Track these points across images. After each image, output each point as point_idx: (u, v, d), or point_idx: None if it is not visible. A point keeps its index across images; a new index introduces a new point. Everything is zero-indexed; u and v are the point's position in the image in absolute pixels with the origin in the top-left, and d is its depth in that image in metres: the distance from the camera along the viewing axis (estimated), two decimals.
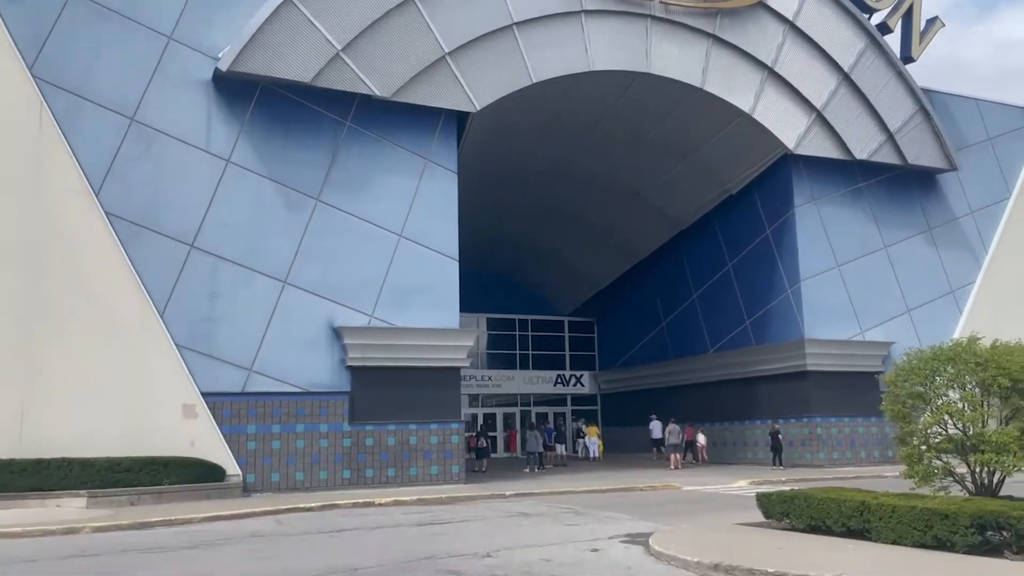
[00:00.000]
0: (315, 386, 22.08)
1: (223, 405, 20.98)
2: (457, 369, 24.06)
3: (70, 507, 17.71)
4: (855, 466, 28.02)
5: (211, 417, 20.72)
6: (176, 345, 20.56)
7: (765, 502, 12.82)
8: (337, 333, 22.34)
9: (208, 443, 20.48)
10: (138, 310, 20.35)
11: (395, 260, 23.20)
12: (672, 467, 28.80)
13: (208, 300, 21.17)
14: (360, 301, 22.70)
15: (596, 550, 11.76)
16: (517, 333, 41.62)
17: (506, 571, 10.20)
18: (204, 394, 20.71)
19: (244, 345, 21.37)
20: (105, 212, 20.42)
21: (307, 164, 22.73)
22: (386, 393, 22.68)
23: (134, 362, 20.12)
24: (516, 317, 41.47)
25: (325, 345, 22.28)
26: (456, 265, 23.91)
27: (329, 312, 22.37)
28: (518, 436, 39.02)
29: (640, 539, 12.49)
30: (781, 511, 12.50)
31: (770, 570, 9.24)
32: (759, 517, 13.22)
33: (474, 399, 39.71)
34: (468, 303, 31.76)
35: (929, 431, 13.89)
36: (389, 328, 22.84)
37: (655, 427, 33.29)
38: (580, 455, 36.29)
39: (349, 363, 22.36)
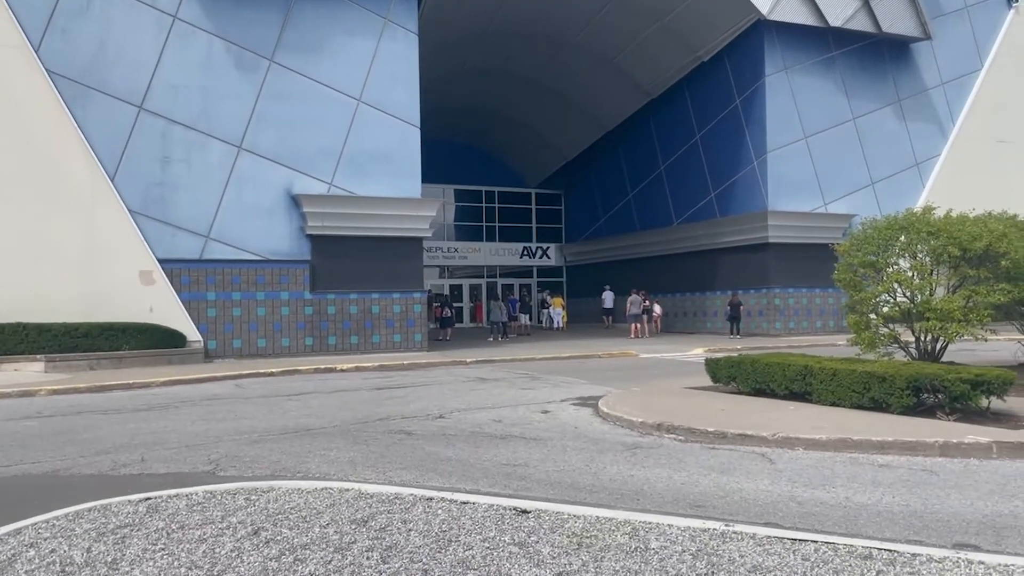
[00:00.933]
0: (275, 254, 21.88)
1: (181, 272, 20.77)
2: (419, 239, 23.92)
3: (28, 371, 17.71)
4: (811, 335, 28.79)
5: (169, 284, 20.55)
6: (129, 211, 20.11)
7: (713, 367, 13.10)
8: (296, 201, 21.94)
9: (167, 310, 20.40)
10: (88, 174, 19.76)
11: (354, 126, 22.57)
12: (632, 336, 29.37)
13: (161, 165, 20.59)
14: (319, 168, 22.20)
15: (547, 412, 12.02)
16: (484, 205, 41.35)
17: (456, 431, 10.40)
18: (161, 261, 20.46)
19: (200, 212, 20.97)
20: (47, 70, 19.44)
21: (259, 23, 21.69)
22: (347, 262, 22.56)
23: (87, 227, 19.71)
24: (483, 188, 41.09)
25: (284, 213, 21.94)
26: (418, 133, 23.33)
27: (287, 179, 21.90)
28: (484, 307, 39.41)
29: (591, 402, 12.79)
30: (728, 375, 12.79)
31: (709, 429, 9.51)
32: (708, 382, 13.54)
33: (440, 270, 39.81)
34: (433, 173, 31.31)
35: (878, 299, 14.17)
36: (349, 196, 22.47)
37: (607, 297, 34.95)
38: (544, 325, 36.87)
39: (309, 231, 22.09)
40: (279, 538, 5.48)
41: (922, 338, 13.92)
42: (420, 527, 5.69)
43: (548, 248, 42.29)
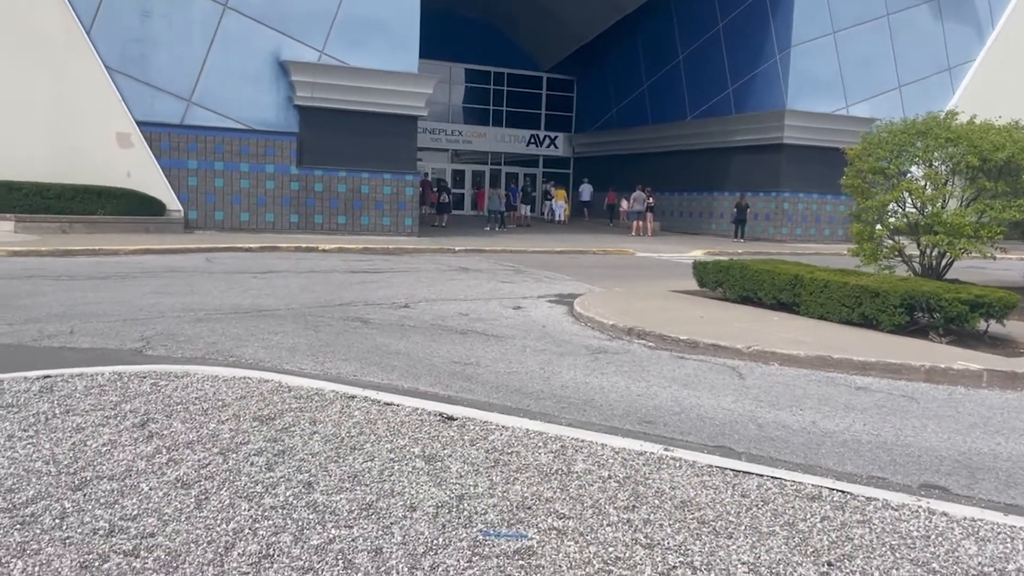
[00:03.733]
0: (260, 124, 20.89)
1: (161, 137, 19.87)
2: (414, 118, 22.80)
3: None
4: (818, 243, 27.92)
5: (148, 148, 19.70)
6: (106, 67, 19.05)
7: (700, 270, 12.36)
8: (284, 68, 20.76)
9: (146, 176, 19.62)
10: (61, 24, 18.61)
11: None
12: (633, 233, 28.54)
13: (140, 19, 19.36)
14: (309, 34, 20.90)
15: (519, 308, 11.39)
16: (492, 87, 39.64)
17: (416, 322, 9.80)
18: (140, 123, 19.54)
19: (182, 74, 19.88)
20: None
21: None
22: (337, 138, 21.58)
23: (60, 82, 18.72)
24: (491, 69, 39.28)
25: (271, 80, 20.81)
26: (417, 0, 21.81)
27: (275, 44, 20.65)
28: (486, 195, 38.42)
29: (569, 300, 12.14)
30: (715, 280, 12.07)
31: (681, 337, 8.86)
32: (695, 286, 12.84)
33: (442, 154, 38.61)
34: (438, 49, 29.80)
35: (886, 209, 13.26)
36: (341, 67, 21.24)
37: (584, 190, 35.82)
38: (546, 218, 35.99)
39: (297, 102, 21.02)
40: (165, 433, 4.91)
41: (927, 253, 13.10)
42: (327, 430, 5.11)
43: (556, 137, 40.83)
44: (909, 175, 13.08)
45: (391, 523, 3.75)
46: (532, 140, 40.24)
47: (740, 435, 5.84)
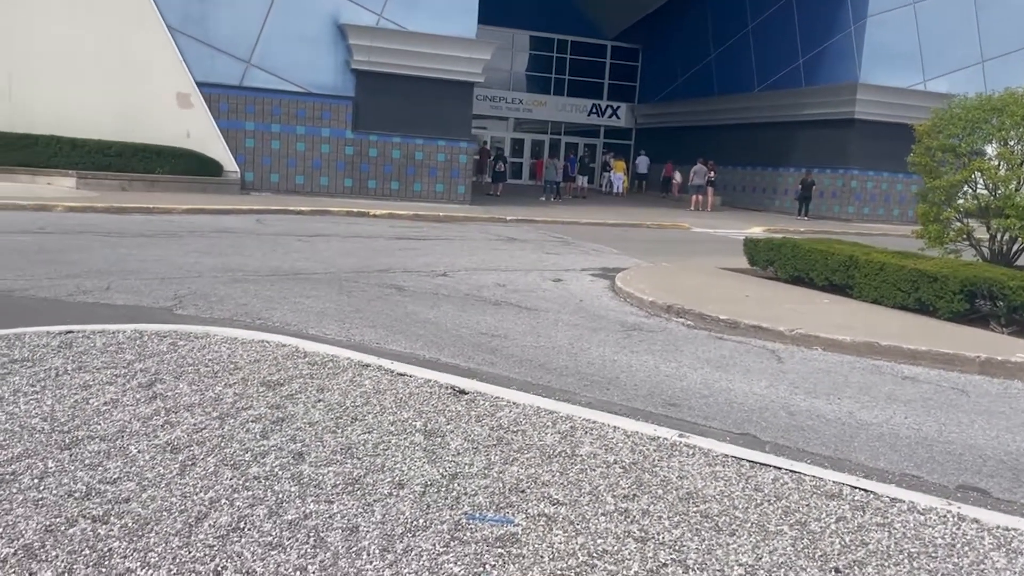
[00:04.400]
0: (317, 87, 20.89)
1: (220, 98, 20.04)
2: (470, 84, 22.52)
3: (61, 186, 17.58)
4: (887, 223, 26.85)
5: (207, 109, 19.89)
6: (168, 27, 19.23)
7: (751, 248, 11.91)
8: (342, 31, 20.68)
9: (204, 136, 19.85)
10: None
11: None
12: (692, 208, 27.87)
13: None
14: None
15: (559, 280, 11.15)
16: (555, 55, 38.97)
17: (451, 291, 9.65)
18: (199, 84, 19.73)
19: (242, 35, 19.96)
20: None
21: None
22: (393, 103, 21.46)
23: (124, 41, 18.98)
24: (555, 37, 38.57)
25: (329, 43, 20.75)
26: None
27: (334, 7, 20.56)
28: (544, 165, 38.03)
29: (612, 274, 11.83)
30: (766, 259, 11.61)
31: (722, 317, 8.51)
32: (746, 264, 12.40)
33: (501, 122, 38.24)
34: (501, 16, 29.38)
35: (955, 189, 12.54)
36: (399, 31, 21.07)
37: (641, 162, 35.57)
38: (604, 190, 35.41)
39: (354, 66, 20.94)
40: (169, 394, 4.86)
41: (997, 237, 12.37)
42: (333, 399, 4.99)
43: (619, 108, 40.03)
44: (982, 154, 12.33)
45: (374, 500, 3.60)
46: (594, 110, 39.55)
47: (768, 423, 5.54)
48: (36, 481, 3.53)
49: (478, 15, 21.83)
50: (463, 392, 5.34)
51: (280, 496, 3.57)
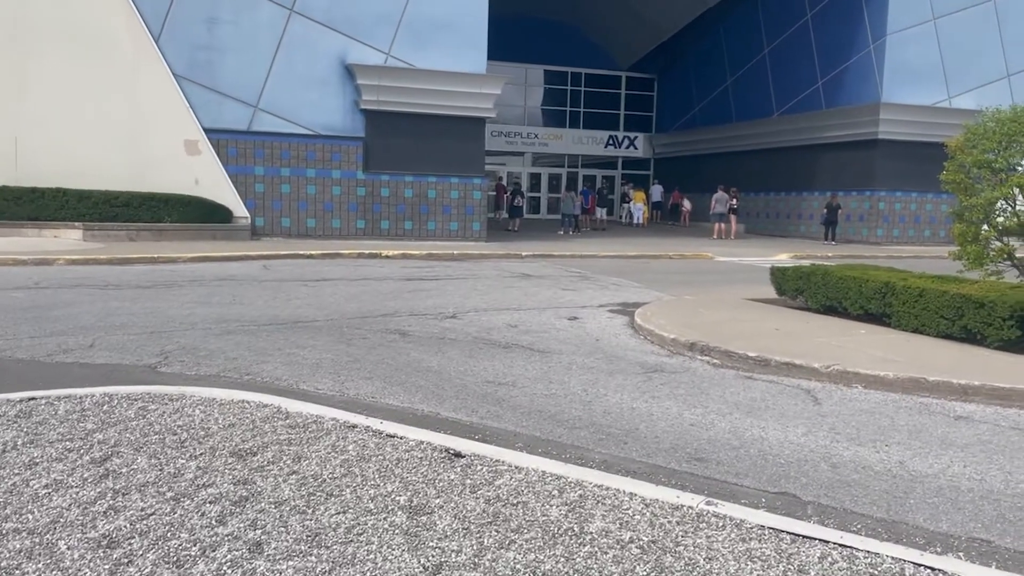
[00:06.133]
0: (327, 129, 20.61)
1: (228, 143, 19.80)
2: (482, 120, 22.15)
3: (67, 238, 17.31)
4: (918, 245, 25.99)
5: (215, 155, 19.65)
6: (174, 75, 19.08)
7: (779, 277, 11.22)
8: (350, 72, 20.43)
9: (213, 182, 19.58)
10: (131, 33, 18.73)
11: None
12: (714, 236, 27.19)
13: (207, 26, 19.32)
14: (375, 37, 20.52)
15: (575, 318, 10.52)
16: (569, 88, 38.69)
17: (459, 334, 9.07)
18: (207, 130, 19.51)
19: (249, 79, 19.77)
20: None
21: None
22: (403, 141, 21.12)
23: (129, 91, 18.83)
24: (568, 70, 38.33)
25: (337, 84, 20.51)
26: None
27: (341, 47, 20.34)
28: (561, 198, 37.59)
29: (632, 309, 11.19)
30: (795, 288, 10.92)
31: (750, 354, 7.83)
32: (774, 294, 11.71)
33: (517, 157, 37.90)
34: (514, 52, 29.16)
35: (993, 207, 11.79)
36: (407, 69, 20.79)
37: (654, 191, 35.64)
38: (624, 221, 34.83)
39: (363, 106, 20.65)
40: (122, 471, 4.28)
41: None
42: (309, 470, 4.39)
43: (636, 138, 39.58)
44: (1020, 169, 11.59)
45: None
46: (611, 141, 39.12)
47: (809, 478, 4.86)
48: None
49: (490, 52, 21.55)
50: (459, 455, 4.72)
51: None
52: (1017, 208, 11.65)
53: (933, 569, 3.49)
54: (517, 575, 3.27)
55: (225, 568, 3.23)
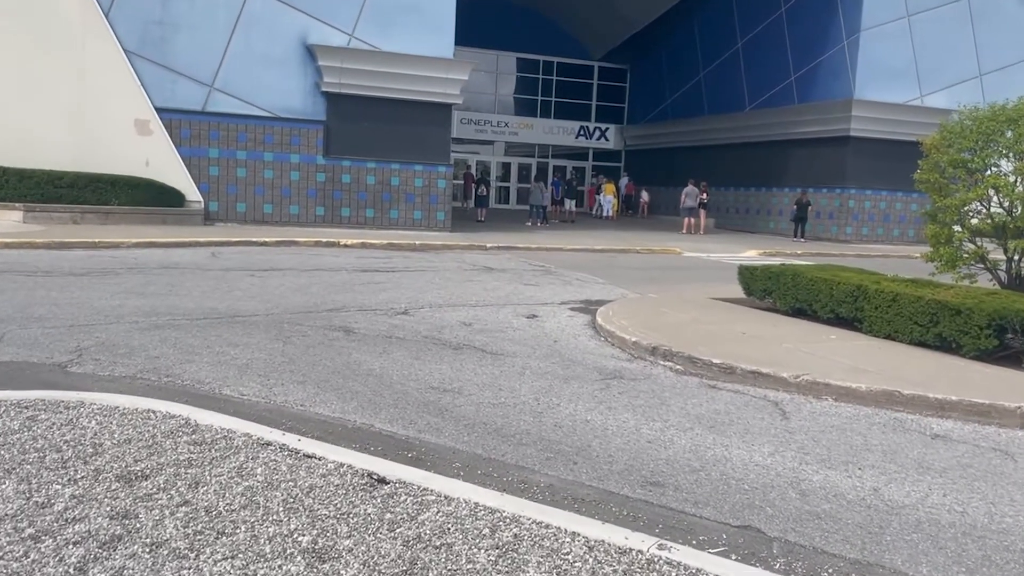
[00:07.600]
0: (286, 111, 19.83)
1: (181, 124, 18.96)
2: (448, 106, 21.49)
3: (6, 220, 16.42)
4: (887, 244, 25.84)
5: (167, 136, 18.79)
6: (125, 51, 18.19)
7: (747, 277, 10.76)
8: (311, 52, 19.65)
9: (164, 164, 18.73)
10: (79, 4, 17.77)
11: None
12: (684, 231, 26.80)
13: (161, 1, 18.39)
14: (338, 17, 19.74)
15: (534, 316, 9.98)
16: (540, 77, 38.05)
17: (408, 333, 8.48)
18: (159, 110, 18.64)
19: (204, 58, 18.92)
20: None
21: None
22: (366, 126, 20.39)
23: (77, 66, 17.92)
24: (540, 58, 37.68)
25: (298, 65, 19.72)
26: None
27: (302, 27, 19.55)
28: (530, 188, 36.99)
29: (595, 307, 10.67)
30: (764, 289, 10.47)
31: (715, 360, 7.33)
32: (742, 293, 11.25)
33: (488, 146, 37.23)
34: (485, 38, 28.46)
35: (967, 208, 11.43)
36: (371, 51, 20.04)
37: (623, 184, 35.97)
38: (594, 213, 34.36)
39: (324, 88, 19.89)
40: None
41: (1015, 260, 11.24)
42: (204, 500, 3.80)
43: (607, 129, 39.06)
44: (996, 169, 11.24)
45: None
46: (582, 132, 38.58)
47: (775, 508, 4.37)
48: None
49: (459, 37, 20.87)
50: (383, 481, 4.15)
51: None
52: (992, 210, 11.31)
53: None
54: None
55: None
